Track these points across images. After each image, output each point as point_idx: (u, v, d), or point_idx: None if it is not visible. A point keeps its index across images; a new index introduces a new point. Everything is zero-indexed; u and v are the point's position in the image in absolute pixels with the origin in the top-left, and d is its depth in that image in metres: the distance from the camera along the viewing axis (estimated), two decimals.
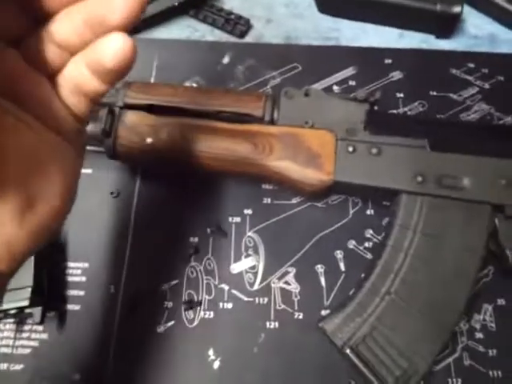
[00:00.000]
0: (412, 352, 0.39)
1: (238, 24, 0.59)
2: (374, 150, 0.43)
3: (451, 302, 0.40)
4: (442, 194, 0.42)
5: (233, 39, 0.60)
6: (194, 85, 0.55)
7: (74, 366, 0.43)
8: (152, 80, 0.56)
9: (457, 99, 0.55)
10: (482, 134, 0.45)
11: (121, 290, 0.46)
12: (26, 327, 0.44)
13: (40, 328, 0.44)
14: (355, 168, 0.43)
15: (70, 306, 0.45)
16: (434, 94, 0.55)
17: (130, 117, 0.44)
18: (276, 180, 0.45)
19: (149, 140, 0.43)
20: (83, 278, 0.46)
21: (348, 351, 0.40)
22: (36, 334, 0.44)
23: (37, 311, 0.42)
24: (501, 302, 0.45)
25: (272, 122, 0.45)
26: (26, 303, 0.41)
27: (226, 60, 0.57)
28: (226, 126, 0.44)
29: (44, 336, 0.44)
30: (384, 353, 0.40)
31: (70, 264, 0.47)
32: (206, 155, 0.44)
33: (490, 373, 0.42)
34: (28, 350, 0.43)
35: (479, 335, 0.44)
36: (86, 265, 0.47)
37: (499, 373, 0.42)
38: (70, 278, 0.46)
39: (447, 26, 0.59)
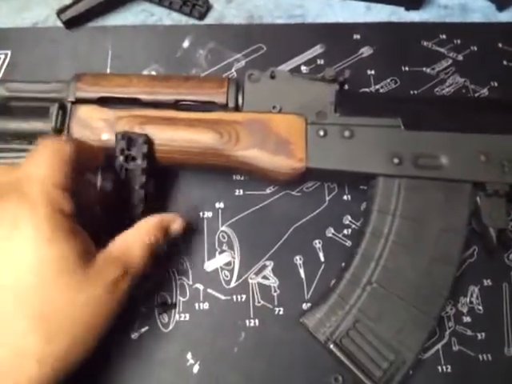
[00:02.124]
0: (398, 343, 0.38)
1: (196, 5, 0.55)
2: (347, 133, 0.41)
3: (436, 286, 0.39)
4: (419, 175, 0.41)
5: (192, 22, 0.56)
6: (153, 73, 0.52)
7: None
8: (108, 70, 0.52)
9: (430, 73, 0.53)
10: (458, 109, 0.44)
11: None
12: None
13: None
14: (328, 153, 0.41)
15: None
16: (407, 69, 0.53)
17: (83, 112, 0.41)
18: (245, 170, 0.43)
19: (105, 136, 0.40)
20: None
21: (332, 346, 0.38)
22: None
23: None
24: (487, 282, 0.44)
25: (237, 109, 0.43)
26: None
27: (185, 44, 0.54)
28: (186, 115, 0.42)
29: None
30: (369, 345, 0.38)
31: None
32: (167, 148, 0.41)
33: (480, 357, 0.41)
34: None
35: (467, 319, 0.42)
36: None
37: (489, 356, 0.41)
38: None
39: None
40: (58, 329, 0.29)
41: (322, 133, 0.41)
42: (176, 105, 0.42)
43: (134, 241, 0.35)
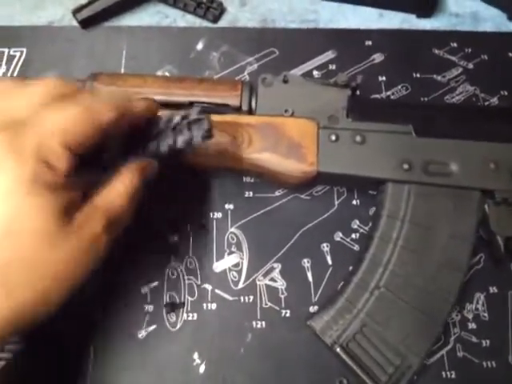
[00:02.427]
0: (404, 347, 0.38)
1: (210, 8, 0.56)
2: (358, 138, 0.41)
3: (443, 293, 0.39)
4: (429, 182, 0.41)
5: (206, 24, 0.56)
6: (167, 74, 0.52)
7: (51, 378, 0.40)
8: (122, 70, 0.53)
9: (441, 81, 0.53)
10: (469, 117, 0.44)
11: (96, 295, 0.43)
12: None
13: (15, 339, 0.41)
14: (339, 157, 0.41)
15: None
16: (418, 76, 0.53)
17: None
18: (256, 173, 0.43)
19: None
20: None
21: (338, 350, 0.39)
22: (9, 346, 0.41)
23: None
24: (493, 290, 0.44)
25: (250, 112, 0.43)
26: None
27: (199, 47, 0.54)
28: None
29: (19, 347, 0.41)
30: (375, 350, 0.38)
31: None
32: None
33: (484, 364, 0.41)
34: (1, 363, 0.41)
35: (472, 325, 0.43)
36: None
37: (493, 363, 0.41)
38: None
39: (428, 4, 0.57)
40: (21, 282, 0.27)
41: (333, 137, 0.41)
42: (190, 106, 0.42)
43: (118, 189, 0.32)
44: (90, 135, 0.29)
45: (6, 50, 0.54)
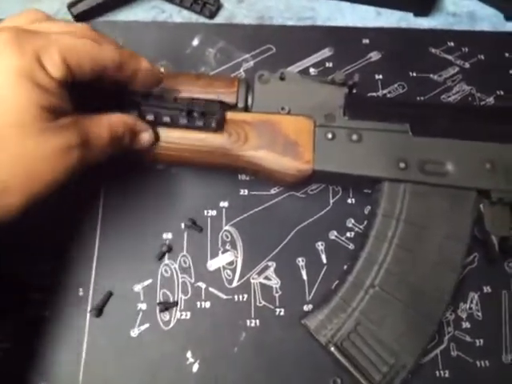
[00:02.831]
0: (399, 347, 0.38)
1: (207, 4, 0.55)
2: (355, 137, 0.41)
3: (438, 292, 0.39)
4: (425, 181, 0.41)
5: (202, 20, 0.56)
6: (162, 69, 0.52)
7: (43, 375, 0.40)
8: None
9: (437, 80, 0.53)
10: (466, 117, 0.44)
11: (90, 293, 0.43)
12: None
13: (2, 337, 0.41)
14: (335, 156, 0.41)
15: (35, 312, 0.42)
16: (414, 74, 0.53)
17: None
18: (252, 170, 0.43)
19: None
20: (48, 281, 0.43)
21: (333, 349, 0.39)
22: None
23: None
24: (487, 289, 0.44)
25: (246, 109, 0.43)
26: None
27: (195, 42, 0.54)
28: None
29: (7, 345, 0.41)
30: (370, 349, 0.38)
31: (33, 266, 0.43)
32: (176, 146, 0.41)
33: (478, 363, 0.41)
34: None
35: (466, 325, 0.43)
36: (51, 267, 0.43)
37: (486, 362, 0.41)
38: (33, 281, 0.43)
39: (426, 3, 0.56)
40: None
41: (330, 135, 0.41)
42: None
43: (103, 123, 0.35)
44: (89, 63, 0.32)
45: None
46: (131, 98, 0.39)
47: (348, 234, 0.46)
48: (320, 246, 0.45)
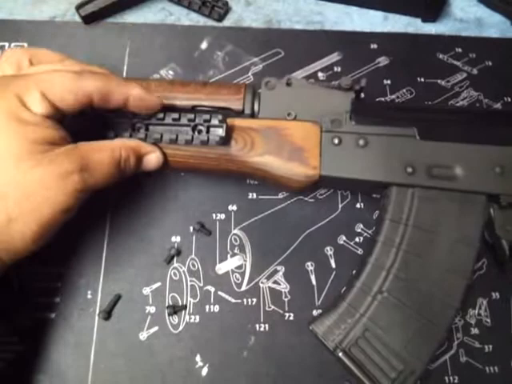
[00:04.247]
0: (407, 352, 0.38)
1: (215, 7, 0.55)
2: (361, 142, 0.41)
3: (447, 298, 0.39)
4: (433, 185, 0.40)
5: (210, 23, 0.56)
6: (170, 72, 0.52)
7: (52, 378, 0.40)
8: (125, 68, 0.52)
9: (445, 86, 0.53)
10: (474, 121, 0.44)
11: (99, 296, 0.43)
12: None
13: (15, 339, 0.41)
14: (342, 161, 0.41)
15: (45, 314, 0.42)
16: (422, 80, 0.53)
17: None
18: (259, 176, 0.43)
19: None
20: (58, 284, 0.43)
21: (341, 354, 0.38)
22: (11, 346, 0.41)
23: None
24: (495, 295, 0.44)
25: (252, 115, 0.43)
26: None
27: (203, 45, 0.54)
28: None
29: (20, 347, 0.41)
30: (378, 354, 0.38)
31: (43, 269, 0.43)
32: (182, 153, 0.41)
33: (487, 369, 0.41)
34: (1, 364, 0.40)
35: (475, 331, 0.43)
36: (60, 270, 0.43)
37: (496, 368, 0.41)
38: (42, 284, 0.43)
39: (433, 9, 0.57)
40: None
41: (336, 141, 0.41)
42: (193, 110, 0.42)
43: (103, 148, 0.36)
44: (70, 95, 0.34)
45: (7, 44, 0.53)
46: (133, 122, 0.40)
47: (357, 239, 0.46)
48: (329, 250, 0.45)
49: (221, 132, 0.39)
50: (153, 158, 0.40)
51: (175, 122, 0.40)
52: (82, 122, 0.39)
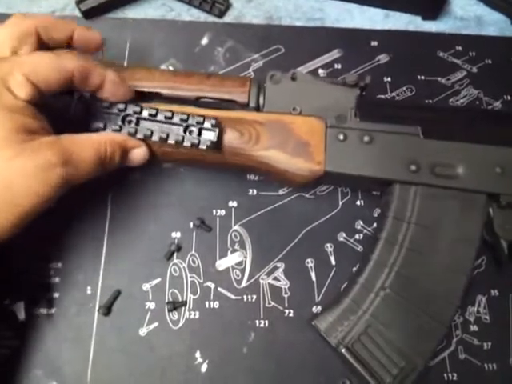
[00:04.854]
0: (409, 349, 0.38)
1: (216, 3, 0.55)
2: (366, 138, 0.41)
3: (448, 294, 0.39)
4: (436, 184, 0.41)
5: (211, 19, 0.56)
6: (171, 67, 0.52)
7: (51, 374, 0.40)
8: (125, 63, 0.52)
9: (445, 83, 0.53)
10: (477, 120, 0.44)
11: (98, 291, 0.43)
12: None
13: (11, 334, 0.41)
14: (346, 157, 0.41)
15: (44, 310, 0.42)
16: (422, 78, 0.53)
17: None
18: (263, 170, 0.42)
19: None
20: (56, 279, 0.43)
21: (343, 351, 0.39)
22: (7, 341, 0.40)
23: (19, 307, 0.39)
24: (494, 293, 0.44)
25: (257, 109, 0.42)
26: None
27: (204, 41, 0.54)
28: (207, 112, 0.41)
29: (16, 342, 0.40)
30: (380, 351, 0.38)
31: (42, 264, 0.43)
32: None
33: (486, 366, 0.42)
34: None
35: (474, 328, 0.43)
36: (59, 265, 0.43)
37: (494, 366, 0.42)
38: (42, 280, 0.43)
39: (433, 7, 0.57)
40: None
41: (341, 137, 0.41)
42: (196, 101, 0.42)
43: (88, 143, 0.36)
44: (53, 75, 0.34)
45: None
46: (124, 115, 0.39)
47: (357, 236, 0.46)
48: (329, 247, 0.45)
49: (212, 136, 0.39)
50: (139, 153, 0.40)
51: (167, 120, 0.39)
52: (71, 110, 0.40)
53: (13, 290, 0.42)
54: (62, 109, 0.39)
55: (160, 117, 0.39)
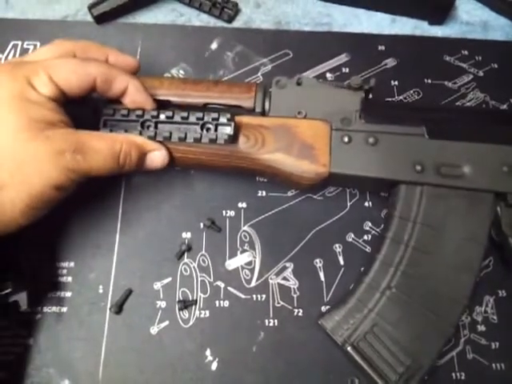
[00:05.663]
0: (415, 348, 0.38)
1: (225, 8, 0.56)
2: (371, 140, 0.42)
3: (455, 294, 0.39)
4: (441, 183, 0.41)
5: (220, 24, 0.57)
6: (181, 71, 0.53)
7: (63, 372, 0.40)
8: None
9: (452, 87, 0.54)
10: (482, 120, 0.44)
11: (110, 290, 0.43)
12: (8, 333, 0.41)
13: (24, 333, 0.41)
14: (351, 159, 0.41)
15: (56, 309, 0.42)
16: (429, 81, 0.54)
17: None
18: (269, 174, 0.43)
19: None
20: (69, 279, 0.43)
21: (349, 349, 0.39)
22: (20, 339, 0.41)
23: (22, 297, 0.39)
24: (502, 293, 0.44)
25: (263, 114, 0.43)
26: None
27: (213, 46, 0.55)
28: None
29: (29, 341, 0.41)
30: (386, 349, 0.39)
31: (54, 263, 0.44)
32: (195, 150, 0.41)
33: (493, 366, 0.42)
34: (11, 357, 0.40)
35: (481, 328, 0.43)
36: (72, 264, 0.44)
37: (502, 365, 0.42)
38: (54, 279, 0.43)
39: (440, 12, 0.57)
40: None
41: (346, 139, 0.42)
42: (204, 108, 0.43)
43: (103, 136, 0.38)
44: (75, 78, 0.37)
45: (20, 43, 0.54)
46: (143, 120, 0.40)
47: (365, 237, 0.46)
48: (337, 248, 0.46)
49: (229, 130, 0.40)
50: (158, 156, 0.41)
51: (184, 120, 0.40)
52: (92, 118, 0.41)
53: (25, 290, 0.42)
54: (83, 118, 0.40)
55: (177, 118, 0.40)
